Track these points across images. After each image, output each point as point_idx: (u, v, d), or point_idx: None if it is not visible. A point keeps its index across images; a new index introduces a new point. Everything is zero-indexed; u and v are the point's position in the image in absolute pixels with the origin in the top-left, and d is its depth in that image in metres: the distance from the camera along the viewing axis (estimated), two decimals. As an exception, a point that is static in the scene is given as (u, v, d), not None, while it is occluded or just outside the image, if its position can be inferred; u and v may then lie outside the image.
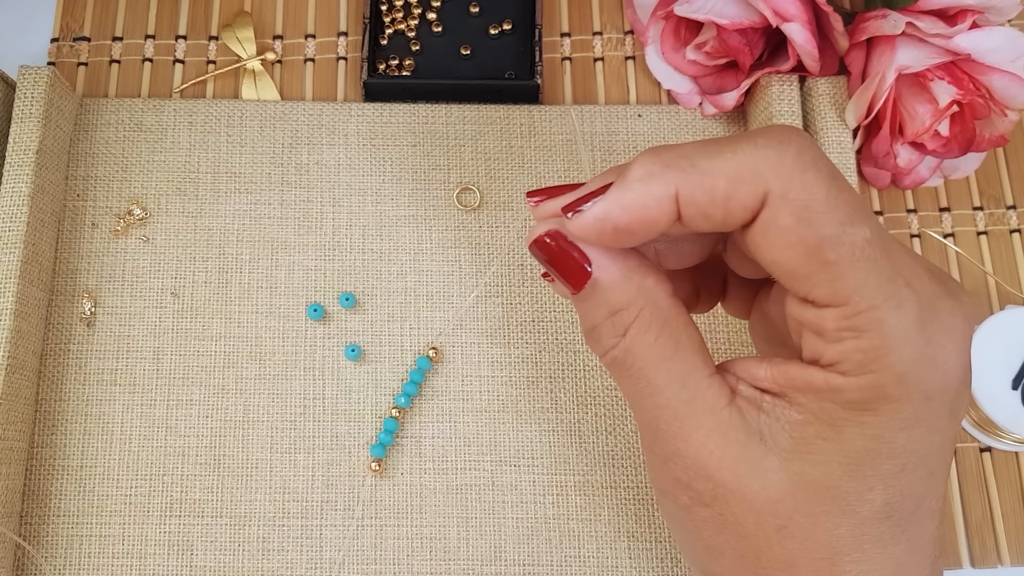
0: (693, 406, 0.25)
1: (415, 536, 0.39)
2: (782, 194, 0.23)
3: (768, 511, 0.24)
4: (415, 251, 0.43)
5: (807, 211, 0.23)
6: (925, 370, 0.23)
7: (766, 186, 0.23)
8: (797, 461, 0.24)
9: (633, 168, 0.24)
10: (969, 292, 0.44)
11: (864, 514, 0.24)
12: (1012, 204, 0.46)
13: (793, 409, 0.24)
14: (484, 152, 0.45)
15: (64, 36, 0.48)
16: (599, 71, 0.47)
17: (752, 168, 0.23)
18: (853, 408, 0.23)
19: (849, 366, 0.23)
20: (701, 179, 0.23)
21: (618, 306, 0.26)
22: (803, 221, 0.23)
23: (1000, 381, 0.40)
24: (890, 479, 0.24)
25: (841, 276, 0.23)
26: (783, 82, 0.43)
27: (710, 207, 0.24)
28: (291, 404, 0.41)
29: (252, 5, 0.48)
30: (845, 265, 0.23)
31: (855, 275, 0.23)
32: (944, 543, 0.41)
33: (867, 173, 0.45)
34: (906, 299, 0.23)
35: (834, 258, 0.23)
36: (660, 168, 0.24)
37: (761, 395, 0.25)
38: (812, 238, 0.23)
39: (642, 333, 0.26)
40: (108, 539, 0.39)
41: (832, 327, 0.23)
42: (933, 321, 0.23)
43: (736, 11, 0.41)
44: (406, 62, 0.46)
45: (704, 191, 0.23)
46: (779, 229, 0.23)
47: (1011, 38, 0.39)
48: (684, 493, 0.25)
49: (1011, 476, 0.42)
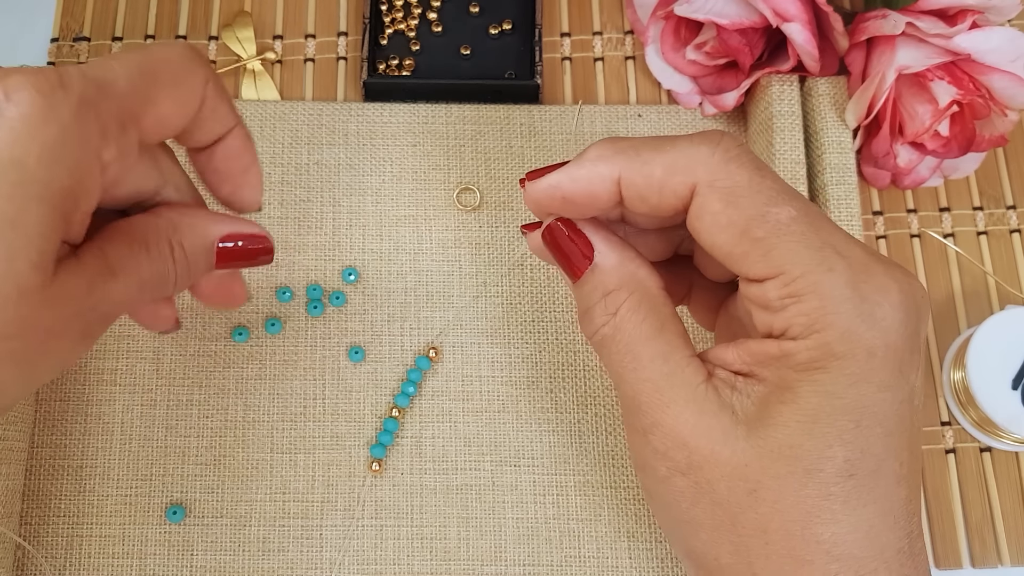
0: (672, 379, 0.27)
1: (415, 536, 0.39)
2: (710, 183, 0.26)
3: (739, 475, 0.26)
4: (415, 251, 0.43)
5: (732, 196, 0.26)
6: (864, 325, 0.25)
7: (695, 176, 0.27)
8: (762, 427, 0.26)
9: (589, 150, 0.28)
10: (969, 292, 0.44)
11: (827, 472, 0.25)
12: (1012, 204, 0.46)
13: (759, 384, 0.27)
14: (484, 152, 0.45)
15: (64, 36, 0.48)
16: (599, 71, 0.47)
17: (685, 160, 0.27)
18: (805, 369, 0.26)
19: (797, 330, 0.26)
20: (641, 167, 0.27)
21: (612, 288, 0.29)
22: (730, 204, 0.26)
23: (1000, 381, 0.40)
24: (846, 435, 0.25)
25: (772, 250, 0.26)
26: (783, 82, 0.43)
27: (647, 191, 0.27)
28: (291, 404, 0.41)
29: (252, 5, 0.48)
30: (773, 240, 0.26)
31: (785, 247, 0.26)
32: (944, 543, 0.41)
33: (867, 173, 0.45)
34: (836, 263, 0.26)
35: (762, 235, 0.26)
36: (610, 153, 0.28)
37: (734, 377, 0.27)
38: (740, 219, 0.26)
39: (632, 312, 0.28)
40: (108, 539, 0.39)
41: (775, 296, 0.26)
42: (867, 282, 0.26)
43: (736, 11, 0.41)
44: (406, 62, 0.46)
45: (643, 177, 0.27)
46: (711, 214, 0.26)
47: (1011, 38, 0.39)
48: (662, 463, 0.27)
49: (1011, 476, 0.42)
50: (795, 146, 0.42)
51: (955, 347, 0.43)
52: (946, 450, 0.42)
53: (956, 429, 0.43)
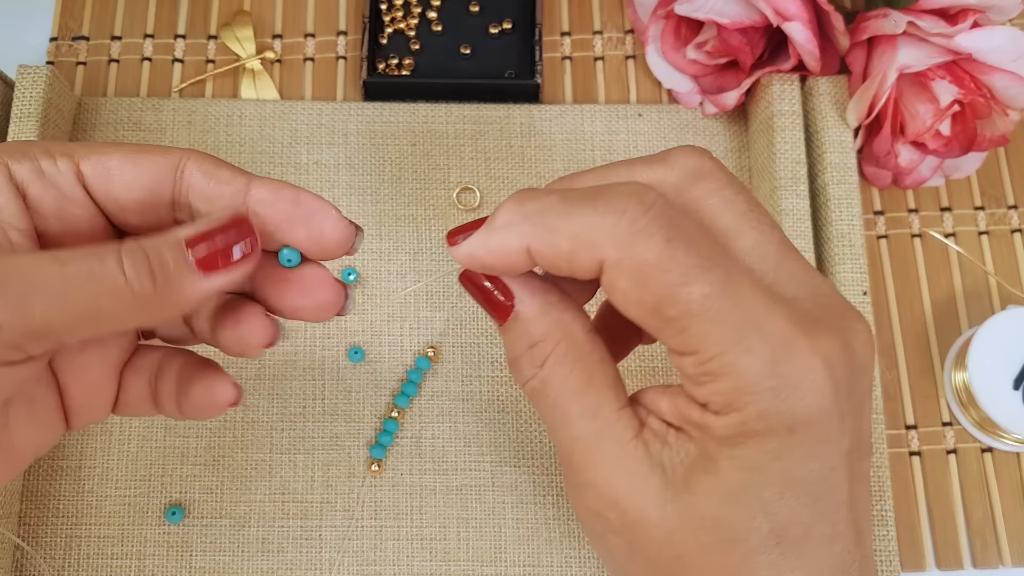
0: (602, 437, 0.26)
1: (415, 537, 0.39)
2: (617, 260, 0.25)
3: (665, 542, 0.26)
4: (415, 251, 0.43)
5: (640, 274, 0.24)
6: (784, 405, 0.24)
7: (602, 253, 0.25)
8: (687, 494, 0.25)
9: (498, 214, 0.26)
10: (970, 292, 0.44)
11: (752, 542, 0.25)
12: (1013, 204, 0.46)
13: (690, 442, 0.26)
14: (484, 152, 0.45)
15: (63, 35, 0.47)
16: (599, 70, 0.47)
17: (590, 234, 0.25)
18: (724, 443, 0.25)
19: (715, 406, 0.25)
20: (549, 237, 0.25)
21: (536, 338, 0.27)
22: (639, 284, 0.25)
23: (1001, 381, 0.40)
24: (771, 507, 0.25)
25: (685, 329, 0.25)
26: (784, 81, 0.43)
27: (557, 263, 0.26)
28: (290, 404, 0.41)
29: (251, 4, 0.48)
30: (686, 320, 0.24)
31: (698, 327, 0.24)
32: (946, 543, 0.41)
33: (868, 173, 0.45)
34: (754, 342, 0.24)
35: (674, 314, 0.24)
36: (518, 220, 0.26)
37: (667, 429, 0.27)
38: (650, 298, 0.25)
39: (558, 365, 0.27)
40: (107, 540, 0.39)
41: (692, 372, 0.25)
42: (787, 360, 0.24)
43: (737, 10, 0.41)
44: (406, 61, 0.46)
45: (551, 248, 0.25)
46: (620, 291, 0.25)
47: (1012, 37, 0.39)
48: (597, 521, 0.27)
49: (1012, 476, 0.42)
50: (796, 145, 0.42)
51: (956, 347, 0.43)
52: (947, 450, 0.42)
53: (957, 429, 0.42)
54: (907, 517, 0.41)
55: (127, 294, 0.24)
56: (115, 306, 0.24)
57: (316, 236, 0.28)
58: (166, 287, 0.25)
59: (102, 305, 0.24)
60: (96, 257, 0.24)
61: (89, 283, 0.24)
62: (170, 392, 0.30)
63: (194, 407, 0.30)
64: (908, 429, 0.42)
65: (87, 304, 0.24)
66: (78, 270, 0.24)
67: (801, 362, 0.24)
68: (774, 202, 0.41)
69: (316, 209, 0.28)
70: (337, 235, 0.28)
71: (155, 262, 0.25)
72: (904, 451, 0.42)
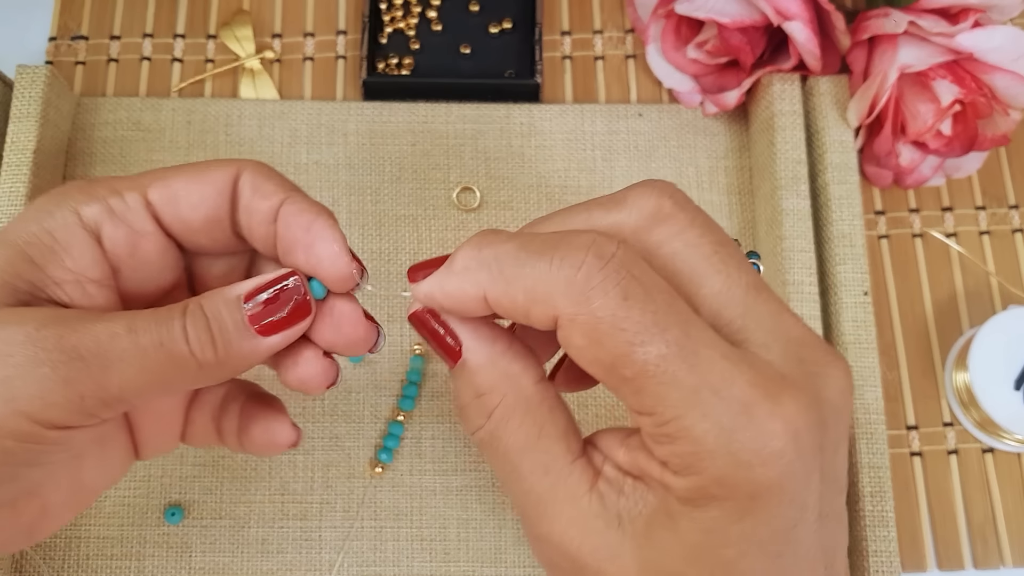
0: (555, 493, 0.26)
1: (415, 538, 0.39)
2: (571, 317, 0.24)
3: None
4: (415, 251, 0.43)
5: (595, 333, 0.23)
6: (744, 473, 0.23)
7: (556, 308, 0.24)
8: (646, 548, 0.25)
9: (456, 258, 0.26)
10: (971, 292, 0.44)
11: None
12: (1014, 203, 0.46)
13: (648, 492, 0.25)
14: (484, 151, 0.45)
15: (62, 35, 0.47)
16: (600, 70, 0.47)
17: (544, 288, 0.24)
18: (683, 503, 0.24)
19: (674, 467, 0.24)
20: (505, 287, 0.25)
21: (483, 390, 0.27)
22: (594, 343, 0.24)
23: (1002, 382, 0.40)
24: (731, 565, 0.24)
25: (641, 390, 0.24)
26: (784, 81, 0.43)
27: (513, 313, 0.25)
28: (290, 405, 0.41)
29: (251, 4, 0.48)
30: (641, 381, 0.23)
31: (654, 389, 0.23)
32: (947, 544, 0.41)
33: (869, 172, 0.45)
34: (711, 407, 0.23)
35: (630, 375, 0.23)
36: (475, 266, 0.25)
37: (623, 477, 0.26)
38: (605, 357, 0.24)
39: (505, 419, 0.26)
40: (106, 540, 0.39)
41: (650, 432, 0.24)
42: (746, 427, 0.23)
43: (737, 9, 0.41)
44: (405, 61, 0.46)
45: (507, 299, 0.25)
46: (576, 348, 0.24)
47: (1013, 37, 0.39)
48: (555, 571, 0.27)
49: (1013, 477, 0.42)
50: (796, 145, 0.42)
51: (957, 347, 0.43)
52: (948, 451, 0.42)
53: (958, 430, 0.42)
54: (908, 517, 0.41)
55: (192, 362, 0.26)
56: (182, 373, 0.26)
57: (314, 265, 0.28)
58: (226, 352, 0.26)
59: (171, 373, 0.26)
60: (165, 326, 0.26)
61: (160, 354, 0.25)
62: (232, 429, 0.32)
63: (254, 446, 0.31)
64: (909, 429, 0.42)
65: (158, 373, 0.26)
66: (150, 341, 0.25)
67: (762, 428, 0.23)
68: (775, 202, 0.41)
69: (322, 238, 0.28)
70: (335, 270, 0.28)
71: (215, 327, 0.26)
72: (905, 451, 0.42)
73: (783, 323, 0.25)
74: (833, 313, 0.40)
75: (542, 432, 0.26)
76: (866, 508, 0.37)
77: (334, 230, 0.28)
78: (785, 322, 0.25)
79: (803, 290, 0.40)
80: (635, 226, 0.25)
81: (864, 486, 0.38)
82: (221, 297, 0.27)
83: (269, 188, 0.28)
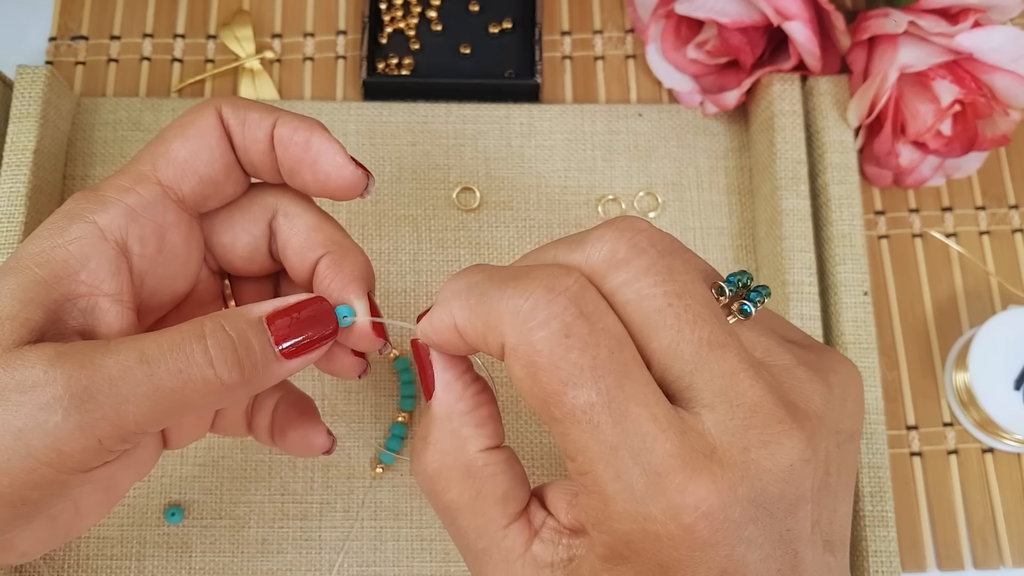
0: (489, 554, 0.26)
1: (415, 538, 0.39)
2: (513, 347, 0.24)
3: None
4: (415, 251, 0.43)
5: (532, 367, 0.23)
6: (648, 542, 0.23)
7: (503, 337, 0.24)
8: None
9: (441, 290, 0.26)
10: (971, 292, 0.44)
11: None
12: (1014, 204, 0.46)
13: (583, 547, 0.25)
14: (484, 152, 0.45)
15: (62, 35, 0.47)
16: (599, 70, 0.47)
17: (495, 318, 0.24)
18: (602, 559, 0.24)
19: (589, 520, 0.24)
20: (469, 316, 0.25)
21: (431, 440, 0.27)
22: (530, 376, 0.23)
23: (1002, 382, 0.40)
24: None
25: (566, 435, 0.23)
26: (784, 81, 0.43)
27: (476, 342, 0.25)
28: (290, 405, 0.41)
29: (251, 4, 0.48)
30: (568, 425, 0.23)
31: (577, 436, 0.23)
32: (946, 544, 0.41)
33: (869, 172, 0.45)
34: (625, 471, 0.23)
35: (559, 416, 0.23)
36: (450, 296, 0.25)
37: (560, 535, 0.26)
38: (539, 393, 0.23)
39: (443, 478, 0.27)
40: (106, 540, 0.39)
41: (573, 476, 0.24)
42: (656, 499, 0.22)
43: (737, 9, 0.41)
44: (405, 61, 0.46)
45: (470, 327, 0.25)
46: (516, 378, 0.24)
47: (1013, 37, 0.39)
48: None
49: (1013, 477, 0.42)
50: (796, 145, 0.42)
51: (957, 348, 0.43)
52: (948, 451, 0.42)
53: (958, 430, 0.42)
54: (908, 518, 0.41)
55: (216, 385, 0.26)
56: (205, 397, 0.26)
57: (322, 182, 0.28)
58: (253, 375, 0.26)
59: (192, 398, 0.26)
60: (182, 352, 0.25)
61: (177, 381, 0.25)
62: (264, 425, 0.32)
63: (290, 448, 0.32)
64: (909, 430, 0.42)
65: (177, 401, 0.25)
66: (165, 370, 0.25)
67: (672, 501, 0.22)
68: (775, 202, 0.41)
69: (323, 152, 0.28)
70: (343, 180, 0.28)
71: (242, 351, 0.26)
72: (905, 452, 0.42)
73: (736, 385, 0.24)
74: (833, 313, 0.40)
75: (478, 496, 0.26)
76: (866, 508, 0.37)
77: (332, 142, 0.29)
78: (739, 384, 0.24)
79: (803, 290, 0.40)
80: (590, 270, 0.25)
81: (864, 486, 0.38)
82: (243, 318, 0.27)
83: (254, 117, 0.28)
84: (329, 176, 0.28)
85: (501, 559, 0.26)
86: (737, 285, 0.26)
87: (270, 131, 0.29)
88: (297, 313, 0.27)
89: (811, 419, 0.24)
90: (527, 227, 0.44)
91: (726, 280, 0.26)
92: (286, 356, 0.27)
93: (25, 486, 0.24)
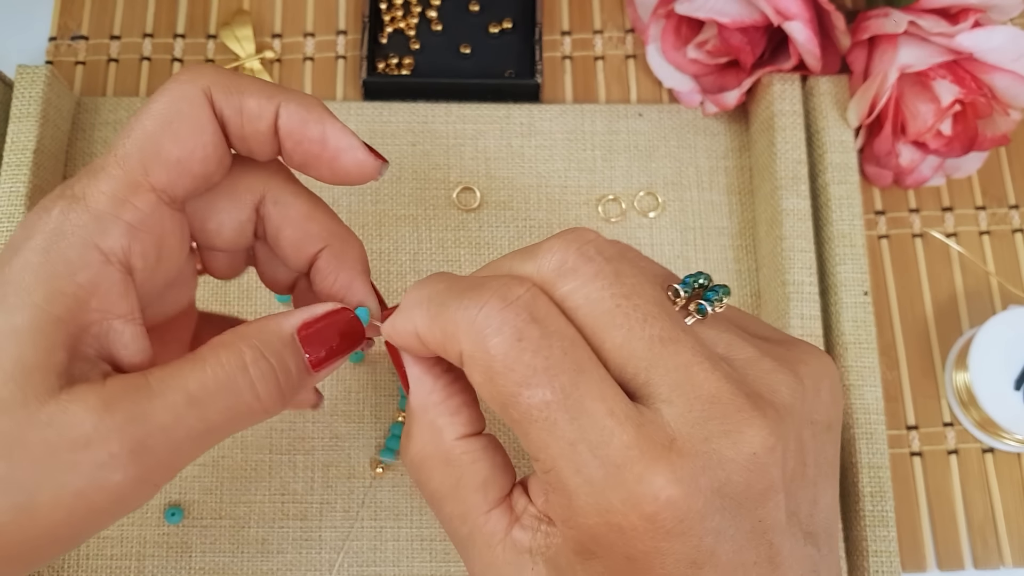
0: (472, 539, 0.27)
1: (414, 537, 0.39)
2: (471, 355, 0.24)
3: None
4: (415, 251, 0.43)
5: (489, 372, 0.24)
6: (613, 535, 0.23)
7: (460, 345, 0.24)
8: None
9: (404, 297, 0.27)
10: (971, 292, 0.44)
11: None
12: (1015, 204, 0.46)
13: (559, 537, 0.25)
14: (484, 152, 0.45)
15: (62, 35, 0.47)
16: (600, 70, 0.47)
17: (453, 327, 0.25)
18: (574, 552, 0.24)
19: (557, 517, 0.25)
20: (429, 325, 0.25)
21: (411, 433, 0.28)
22: (488, 381, 0.24)
23: (1002, 382, 0.40)
24: None
25: (527, 435, 0.24)
26: (785, 81, 0.43)
27: (437, 350, 0.26)
28: (290, 405, 0.41)
29: (251, 3, 0.48)
30: (526, 425, 0.24)
31: (537, 435, 0.24)
32: (947, 544, 0.41)
33: (869, 172, 0.45)
34: (585, 465, 0.23)
35: (517, 417, 0.24)
36: (412, 304, 0.26)
37: (538, 523, 0.26)
38: (498, 396, 0.24)
39: (424, 467, 0.28)
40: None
41: (539, 475, 0.25)
42: (616, 490, 0.23)
43: (737, 9, 0.41)
44: (405, 61, 0.46)
45: (430, 336, 0.25)
46: (476, 384, 0.25)
47: (1013, 37, 0.39)
48: None
49: (1013, 477, 0.42)
50: (797, 145, 0.42)
51: (957, 348, 0.43)
52: (948, 451, 0.42)
53: (958, 430, 0.42)
54: (908, 517, 0.41)
55: (261, 413, 0.27)
56: (248, 422, 0.27)
57: (341, 177, 0.29)
58: (291, 395, 0.27)
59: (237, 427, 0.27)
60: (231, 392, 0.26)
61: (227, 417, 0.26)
62: None
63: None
64: (909, 429, 0.42)
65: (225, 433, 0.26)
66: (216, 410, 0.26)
67: (632, 491, 0.23)
68: (775, 202, 0.41)
69: (342, 149, 0.28)
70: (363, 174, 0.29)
71: (282, 376, 0.27)
72: (905, 451, 0.42)
73: (692, 378, 0.24)
74: (833, 313, 0.40)
75: (459, 483, 0.27)
76: (866, 508, 0.37)
77: (348, 134, 0.28)
78: (694, 377, 0.24)
79: (803, 290, 0.40)
80: (541, 280, 0.25)
81: (864, 486, 0.38)
82: (277, 337, 0.27)
83: (252, 106, 0.27)
84: (349, 173, 0.29)
85: (483, 544, 0.26)
86: (693, 286, 0.26)
87: (272, 122, 0.28)
88: (325, 324, 0.28)
89: (776, 408, 0.24)
90: (527, 227, 0.44)
91: (681, 282, 0.26)
92: (316, 369, 0.28)
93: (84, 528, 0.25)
